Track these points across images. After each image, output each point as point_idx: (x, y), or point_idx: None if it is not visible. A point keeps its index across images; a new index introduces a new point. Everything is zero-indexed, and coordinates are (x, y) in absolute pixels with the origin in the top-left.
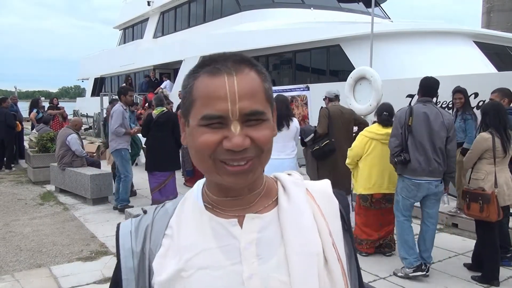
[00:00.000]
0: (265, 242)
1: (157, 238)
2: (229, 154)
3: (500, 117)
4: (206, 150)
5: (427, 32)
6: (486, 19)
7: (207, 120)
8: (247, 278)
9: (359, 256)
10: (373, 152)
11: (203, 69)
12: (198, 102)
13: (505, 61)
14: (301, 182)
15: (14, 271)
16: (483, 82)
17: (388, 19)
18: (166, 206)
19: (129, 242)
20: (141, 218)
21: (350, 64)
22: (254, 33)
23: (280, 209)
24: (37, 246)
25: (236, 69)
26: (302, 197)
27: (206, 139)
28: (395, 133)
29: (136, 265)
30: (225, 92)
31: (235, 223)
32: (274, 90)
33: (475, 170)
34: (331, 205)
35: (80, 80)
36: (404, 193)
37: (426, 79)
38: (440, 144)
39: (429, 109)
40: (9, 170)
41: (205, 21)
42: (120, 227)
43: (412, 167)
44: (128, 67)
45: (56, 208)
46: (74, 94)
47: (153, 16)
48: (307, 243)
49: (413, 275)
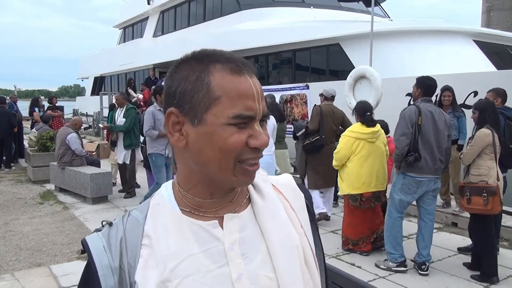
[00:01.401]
0: (247, 241)
1: (133, 250)
2: (254, 153)
3: (494, 114)
4: (235, 150)
5: (427, 31)
6: (486, 18)
7: (241, 119)
8: (236, 279)
9: (360, 257)
10: (361, 152)
11: (215, 65)
12: (225, 100)
13: (505, 60)
14: (267, 177)
15: (14, 270)
16: (483, 81)
17: (388, 18)
18: (133, 215)
19: (105, 258)
20: (109, 231)
21: (350, 63)
22: (254, 32)
23: (255, 206)
24: (37, 245)
25: (251, 70)
26: (272, 193)
27: (237, 138)
28: (406, 132)
29: (117, 282)
30: (253, 91)
31: (216, 225)
32: (274, 89)
33: (475, 167)
34: (298, 198)
35: (80, 79)
36: (405, 190)
37: (427, 79)
38: (444, 142)
39: (433, 108)
40: (9, 169)
41: (205, 20)
42: (89, 243)
43: (420, 166)
44: (128, 66)
45: (55, 207)
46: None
47: (153, 15)
48: (286, 237)
49: (396, 269)
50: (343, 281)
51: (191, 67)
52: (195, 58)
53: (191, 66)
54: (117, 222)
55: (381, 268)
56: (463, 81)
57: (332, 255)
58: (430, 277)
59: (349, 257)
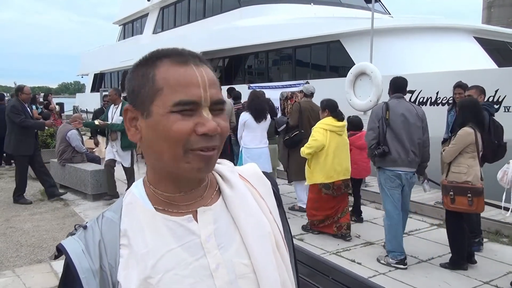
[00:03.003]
0: (222, 232)
1: (113, 250)
2: (203, 141)
3: (477, 113)
4: (180, 138)
5: (428, 28)
6: (486, 14)
7: (181, 106)
8: (214, 269)
9: (360, 253)
10: (332, 143)
11: (162, 59)
12: (166, 90)
13: (506, 56)
14: (234, 168)
15: (14, 267)
16: (484, 78)
17: (389, 14)
18: (107, 216)
19: (85, 261)
20: (85, 234)
21: (350, 59)
22: (254, 28)
23: (226, 197)
24: (38, 241)
25: (201, 60)
26: (241, 182)
27: (181, 126)
28: (372, 126)
29: (98, 284)
30: (197, 79)
31: (191, 219)
32: (274, 86)
33: (456, 164)
34: (264, 185)
35: (80, 75)
36: (388, 184)
37: (396, 79)
38: (417, 135)
39: (403, 103)
40: (9, 166)
41: (205, 17)
42: (67, 248)
43: (393, 158)
44: (128, 62)
45: (56, 204)
46: (74, 90)
47: (152, 12)
48: (258, 224)
49: (395, 266)
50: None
51: (142, 65)
52: (148, 57)
53: (142, 64)
54: (91, 225)
55: (381, 263)
56: (464, 78)
57: (332, 251)
58: (430, 273)
59: (349, 253)
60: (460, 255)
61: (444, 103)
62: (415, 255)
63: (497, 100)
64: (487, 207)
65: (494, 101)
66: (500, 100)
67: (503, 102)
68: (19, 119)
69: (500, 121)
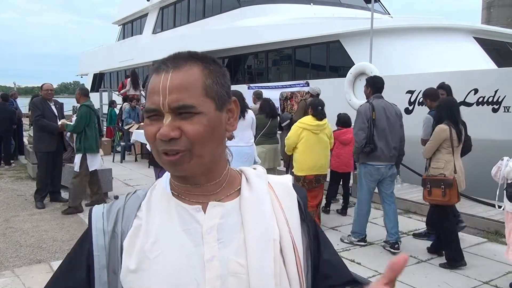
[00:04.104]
0: (226, 228)
1: (128, 219)
2: (164, 145)
3: (454, 111)
4: (150, 141)
5: (427, 28)
6: (486, 14)
7: (147, 112)
8: (208, 260)
9: (360, 253)
10: (305, 141)
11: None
12: (146, 98)
13: (505, 57)
14: (264, 175)
15: (14, 267)
16: (483, 78)
17: (388, 15)
18: (137, 193)
19: (101, 222)
20: (113, 202)
21: (350, 60)
22: (254, 29)
23: (242, 197)
24: (37, 241)
25: (175, 66)
26: (263, 188)
27: (147, 130)
28: (362, 126)
29: (107, 243)
30: (158, 86)
31: (199, 209)
32: (274, 87)
33: (435, 160)
34: (289, 197)
35: (79, 75)
36: (368, 177)
37: (375, 78)
38: (397, 132)
39: (384, 103)
40: (9, 166)
41: (205, 17)
42: (93, 210)
43: (377, 155)
44: (127, 62)
45: (55, 204)
46: (73, 90)
47: (152, 12)
48: (265, 230)
49: (356, 244)
50: None
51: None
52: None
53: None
54: (121, 196)
55: (345, 242)
56: (463, 78)
57: None
58: (430, 273)
59: (349, 253)
60: (456, 251)
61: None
62: (415, 255)
63: (496, 100)
64: (487, 207)
65: (494, 101)
66: (500, 100)
67: (503, 102)
68: (35, 116)
69: (501, 121)
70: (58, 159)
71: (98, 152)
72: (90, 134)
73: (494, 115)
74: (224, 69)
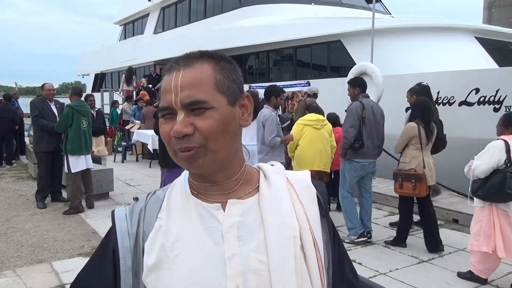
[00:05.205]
0: (246, 226)
1: (150, 221)
2: (178, 142)
3: (426, 111)
4: (165, 139)
5: (428, 28)
6: (487, 14)
7: (161, 111)
8: (229, 258)
9: (361, 254)
10: (307, 136)
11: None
12: (160, 98)
13: (506, 56)
14: (282, 171)
15: (15, 267)
16: (484, 77)
17: (389, 14)
18: (157, 193)
19: (125, 225)
20: (134, 204)
21: (351, 59)
22: (255, 28)
23: (261, 194)
24: (38, 241)
25: (186, 64)
26: (282, 184)
27: (162, 129)
28: (354, 124)
29: (132, 245)
30: (170, 84)
31: (218, 208)
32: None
33: (403, 155)
34: (308, 192)
35: (80, 76)
36: (351, 173)
37: (360, 80)
38: (381, 131)
39: (371, 102)
40: (10, 166)
41: (206, 17)
42: (115, 213)
43: (364, 152)
44: (129, 63)
45: (57, 204)
46: None
47: (153, 12)
48: (285, 227)
49: (358, 241)
50: None
51: None
52: None
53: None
54: (141, 198)
55: (346, 242)
56: (465, 78)
57: None
58: (431, 273)
59: (349, 253)
60: (405, 234)
61: (445, 103)
62: (415, 255)
63: (498, 100)
64: None
65: (495, 101)
66: (501, 100)
67: (504, 102)
68: (33, 115)
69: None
70: (57, 159)
71: (83, 154)
72: (72, 136)
73: (495, 114)
74: (236, 65)
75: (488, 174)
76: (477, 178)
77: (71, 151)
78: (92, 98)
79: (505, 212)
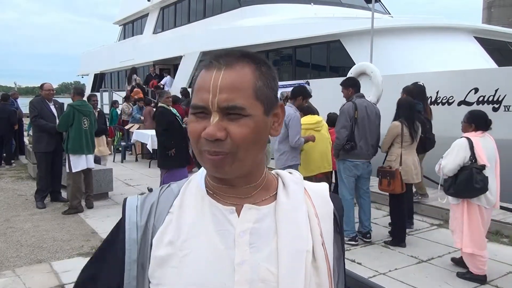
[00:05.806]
0: (259, 233)
1: (161, 215)
2: (207, 145)
3: (411, 111)
4: (193, 138)
5: (428, 28)
6: (486, 14)
7: (194, 109)
8: (238, 264)
9: (360, 254)
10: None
11: (204, 63)
12: (193, 93)
13: (506, 56)
14: (300, 181)
15: (14, 267)
16: (484, 77)
17: (389, 14)
18: (171, 187)
19: (134, 216)
20: (147, 195)
21: (350, 59)
22: (254, 28)
23: (278, 203)
24: (38, 241)
25: (228, 64)
26: (300, 195)
27: (192, 126)
28: (345, 124)
29: (139, 238)
30: (209, 84)
31: (233, 211)
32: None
33: (389, 153)
34: (325, 207)
35: (80, 76)
36: (346, 173)
37: (353, 80)
38: (375, 131)
39: (365, 103)
40: (9, 166)
41: (205, 17)
42: (127, 202)
43: (357, 152)
44: (128, 63)
45: (56, 204)
46: None
47: (153, 12)
48: (299, 240)
49: (347, 243)
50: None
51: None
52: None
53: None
54: (155, 190)
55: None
56: (464, 78)
57: None
58: (430, 274)
59: (349, 253)
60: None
61: (444, 103)
62: (415, 255)
63: (497, 100)
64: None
65: (494, 101)
66: (500, 100)
67: (503, 101)
68: (32, 115)
69: (500, 120)
70: (57, 159)
71: (84, 154)
72: (72, 135)
73: (494, 114)
74: (275, 71)
75: (456, 172)
76: (447, 176)
77: (72, 150)
78: (95, 98)
79: (475, 205)
